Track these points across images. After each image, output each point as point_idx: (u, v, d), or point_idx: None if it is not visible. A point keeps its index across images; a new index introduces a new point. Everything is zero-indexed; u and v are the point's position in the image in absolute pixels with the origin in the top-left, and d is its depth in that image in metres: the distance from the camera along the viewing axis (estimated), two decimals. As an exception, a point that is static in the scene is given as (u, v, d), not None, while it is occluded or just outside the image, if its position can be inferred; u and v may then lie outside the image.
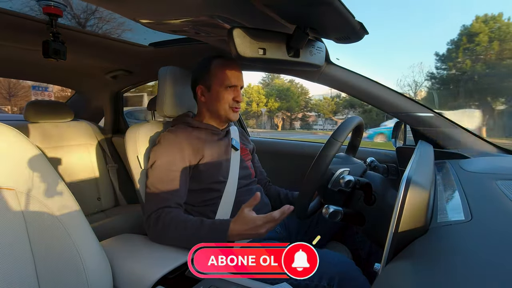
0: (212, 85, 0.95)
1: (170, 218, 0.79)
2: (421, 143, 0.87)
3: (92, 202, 1.63)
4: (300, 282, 0.73)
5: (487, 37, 12.75)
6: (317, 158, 0.68)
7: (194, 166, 0.90)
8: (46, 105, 1.58)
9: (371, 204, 0.72)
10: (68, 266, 0.62)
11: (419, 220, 0.39)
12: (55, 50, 0.97)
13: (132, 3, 0.68)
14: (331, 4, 0.53)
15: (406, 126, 1.09)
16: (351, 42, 0.75)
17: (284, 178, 1.34)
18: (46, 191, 0.61)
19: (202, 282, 0.67)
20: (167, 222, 0.79)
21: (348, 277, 0.70)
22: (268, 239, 0.94)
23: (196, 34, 0.88)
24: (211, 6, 0.66)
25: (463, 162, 0.79)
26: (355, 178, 0.69)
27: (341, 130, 0.72)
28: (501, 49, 12.45)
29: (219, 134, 0.99)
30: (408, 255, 0.36)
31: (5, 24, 0.93)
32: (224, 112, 0.96)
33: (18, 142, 0.60)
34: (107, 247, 0.78)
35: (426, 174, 0.49)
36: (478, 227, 0.37)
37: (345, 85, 1.01)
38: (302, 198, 0.70)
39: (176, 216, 0.80)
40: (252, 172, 1.06)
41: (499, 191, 0.49)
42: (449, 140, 0.95)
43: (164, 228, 0.79)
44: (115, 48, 1.20)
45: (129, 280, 0.73)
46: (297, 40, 0.71)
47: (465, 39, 13.37)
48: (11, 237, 0.55)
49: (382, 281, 0.36)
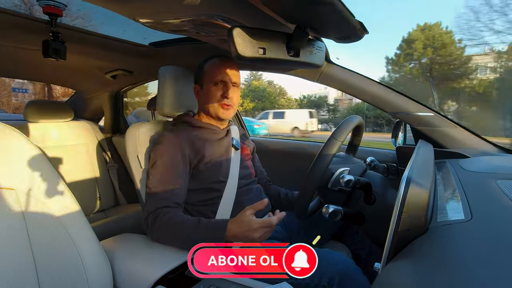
0: (203, 83, 0.95)
1: (167, 219, 0.79)
2: (421, 143, 0.87)
3: (92, 202, 1.63)
4: (300, 281, 0.73)
5: (422, 44, 13.75)
6: (317, 158, 0.69)
7: (195, 165, 0.90)
8: (46, 105, 1.58)
9: (371, 203, 0.72)
10: (68, 265, 0.62)
11: (419, 220, 0.39)
12: (55, 50, 0.97)
13: (132, 2, 0.67)
14: (332, 3, 0.53)
15: (406, 125, 1.09)
16: (351, 41, 0.75)
17: (284, 178, 1.34)
18: (46, 191, 0.61)
19: (202, 282, 0.67)
20: (164, 222, 0.78)
21: (348, 277, 0.70)
22: (268, 239, 0.94)
23: (196, 34, 0.88)
24: (211, 6, 0.65)
25: (463, 161, 0.78)
26: (355, 177, 0.69)
27: (341, 130, 0.72)
28: (433, 55, 13.58)
29: (220, 134, 0.99)
30: (408, 255, 0.36)
31: (5, 24, 0.93)
32: (213, 109, 0.95)
33: (18, 142, 0.60)
34: (107, 247, 0.78)
35: (426, 174, 0.49)
36: (478, 227, 0.37)
37: (345, 84, 1.01)
38: (302, 198, 0.70)
39: (174, 217, 0.80)
40: (252, 171, 1.06)
41: (499, 191, 0.49)
42: (449, 140, 0.95)
43: (161, 228, 0.79)
44: (115, 47, 1.20)
45: (129, 279, 0.73)
46: (297, 39, 0.70)
47: (406, 46, 14.38)
48: (11, 237, 0.55)
49: (382, 281, 0.36)
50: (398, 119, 1.04)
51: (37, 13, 0.91)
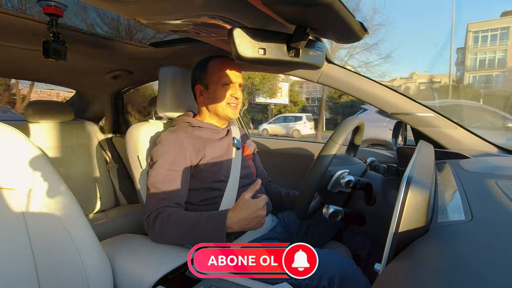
0: (209, 84, 0.95)
1: (168, 214, 0.79)
2: (422, 143, 0.87)
3: (92, 202, 1.63)
4: (301, 282, 0.73)
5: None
6: (316, 161, 0.69)
7: (195, 165, 0.90)
8: (46, 105, 1.58)
9: (372, 204, 0.72)
10: (68, 266, 0.62)
11: (419, 220, 0.39)
12: (56, 50, 0.97)
13: (132, 3, 0.67)
14: (332, 4, 0.53)
15: (406, 126, 1.09)
16: (351, 42, 0.75)
17: (285, 178, 1.34)
18: (46, 191, 0.61)
19: (202, 282, 0.67)
20: (165, 218, 0.79)
21: (348, 277, 0.70)
22: (268, 239, 0.94)
23: (197, 34, 0.88)
24: (211, 6, 0.65)
25: (463, 162, 0.78)
26: (355, 178, 0.69)
27: (340, 132, 0.72)
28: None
29: (220, 133, 0.99)
30: (409, 255, 0.36)
31: (5, 24, 0.93)
32: (222, 110, 0.96)
33: (18, 142, 0.60)
34: (108, 247, 0.78)
35: (427, 174, 0.49)
36: (479, 227, 0.37)
37: (345, 85, 1.01)
38: (302, 200, 0.70)
39: (174, 212, 0.80)
40: (253, 171, 1.06)
41: (499, 191, 0.49)
42: (449, 140, 0.94)
43: (162, 224, 0.78)
44: (115, 48, 1.20)
45: (129, 280, 0.73)
46: (297, 40, 0.70)
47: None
48: (11, 237, 0.55)
49: (382, 281, 0.36)
50: (398, 119, 1.04)
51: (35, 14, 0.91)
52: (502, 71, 18.83)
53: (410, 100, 0.98)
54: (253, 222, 0.74)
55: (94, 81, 1.69)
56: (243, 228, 0.75)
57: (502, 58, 18.97)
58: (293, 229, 1.04)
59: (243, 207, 0.74)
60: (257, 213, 0.74)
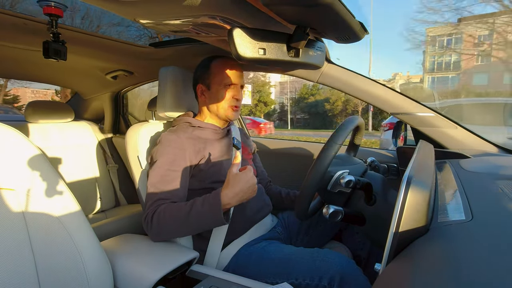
0: (211, 84, 0.95)
1: (163, 208, 0.80)
2: (422, 143, 0.87)
3: (92, 202, 1.63)
4: (301, 282, 0.73)
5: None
6: (316, 161, 0.68)
7: (195, 165, 0.90)
8: (46, 105, 1.58)
9: (372, 204, 0.72)
10: (68, 266, 0.62)
11: (419, 220, 0.39)
12: (56, 51, 0.97)
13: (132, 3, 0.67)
14: (332, 5, 0.53)
15: (406, 126, 1.09)
16: (351, 42, 0.76)
17: (285, 178, 1.34)
18: (46, 191, 0.61)
19: (202, 282, 0.67)
20: (161, 213, 0.79)
21: (348, 277, 0.70)
22: (269, 239, 0.94)
23: (197, 35, 0.88)
24: (211, 6, 0.65)
25: (463, 162, 0.78)
26: (356, 178, 0.69)
27: (340, 132, 0.72)
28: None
29: (220, 133, 0.99)
30: (409, 255, 0.36)
31: (5, 24, 0.93)
32: (223, 111, 0.96)
33: (18, 142, 0.60)
34: (108, 247, 0.78)
35: (427, 174, 0.49)
36: (479, 227, 0.37)
37: (345, 85, 1.01)
38: (302, 200, 0.70)
39: (169, 205, 0.81)
40: (254, 171, 1.06)
41: (499, 191, 0.49)
42: (449, 140, 0.94)
43: (159, 220, 0.79)
44: (115, 48, 1.20)
45: (129, 280, 0.73)
46: (297, 40, 0.70)
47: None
48: (11, 238, 0.55)
49: (382, 281, 0.36)
50: (398, 119, 1.04)
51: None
52: (457, 73, 21.39)
53: (410, 100, 0.98)
54: (249, 191, 0.77)
55: (95, 81, 1.69)
56: (241, 200, 0.77)
57: (456, 61, 21.39)
58: (293, 229, 1.04)
59: (235, 182, 0.76)
60: (249, 182, 0.76)
